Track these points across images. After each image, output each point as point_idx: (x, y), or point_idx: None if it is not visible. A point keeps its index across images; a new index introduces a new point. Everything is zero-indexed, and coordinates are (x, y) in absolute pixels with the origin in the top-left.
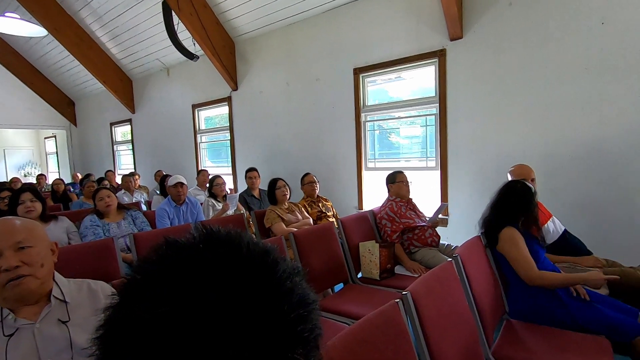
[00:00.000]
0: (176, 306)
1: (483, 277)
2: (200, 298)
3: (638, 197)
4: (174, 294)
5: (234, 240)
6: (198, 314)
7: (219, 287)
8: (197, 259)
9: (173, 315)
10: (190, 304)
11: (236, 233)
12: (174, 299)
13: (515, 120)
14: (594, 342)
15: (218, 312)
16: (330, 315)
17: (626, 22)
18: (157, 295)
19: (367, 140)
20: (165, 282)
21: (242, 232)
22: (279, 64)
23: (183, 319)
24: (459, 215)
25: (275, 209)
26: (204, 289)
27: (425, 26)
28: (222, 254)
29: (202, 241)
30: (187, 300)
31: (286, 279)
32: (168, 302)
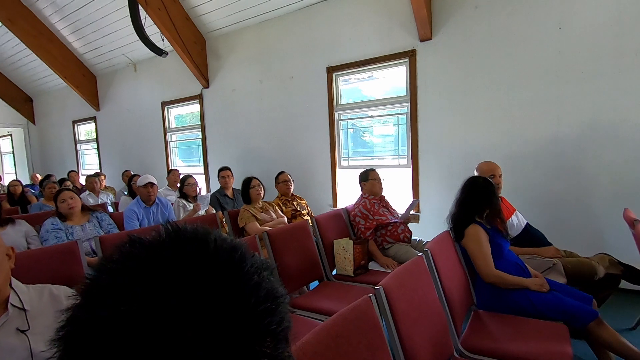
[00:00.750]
0: (141, 303)
1: (452, 270)
2: (165, 295)
3: (592, 192)
4: (138, 291)
5: (200, 237)
6: (163, 310)
7: (185, 283)
8: (163, 256)
9: (137, 313)
10: (155, 301)
11: (203, 230)
12: (138, 297)
13: (481, 120)
14: (553, 328)
15: (184, 308)
16: (305, 312)
17: (581, 27)
18: (121, 293)
19: (340, 139)
20: (129, 280)
21: (210, 229)
22: (252, 61)
23: (148, 316)
24: (429, 211)
25: (249, 208)
26: (169, 286)
27: (396, 27)
28: (189, 251)
29: (168, 239)
30: (152, 297)
31: (253, 273)
32: (132, 300)
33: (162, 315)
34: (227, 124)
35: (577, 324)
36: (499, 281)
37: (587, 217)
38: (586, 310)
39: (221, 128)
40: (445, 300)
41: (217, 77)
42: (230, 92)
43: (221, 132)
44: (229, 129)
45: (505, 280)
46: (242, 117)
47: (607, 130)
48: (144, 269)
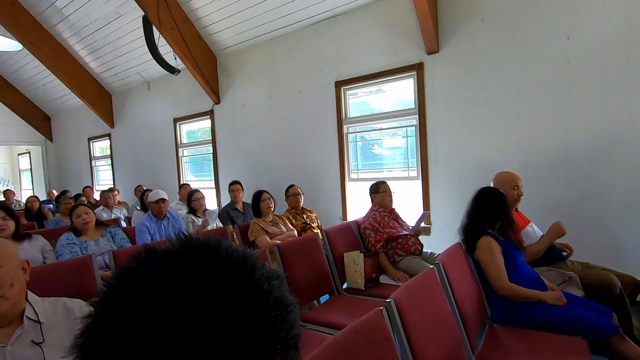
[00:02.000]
0: (156, 309)
1: (465, 283)
2: (179, 301)
3: (606, 202)
4: (153, 299)
5: (212, 247)
6: (177, 316)
7: (197, 290)
8: (177, 265)
9: (152, 320)
10: (170, 307)
11: (215, 240)
12: (152, 304)
13: (490, 131)
14: (571, 342)
15: (196, 315)
16: (316, 326)
17: (590, 37)
18: (137, 300)
19: (349, 152)
20: (145, 288)
21: (221, 239)
22: (261, 77)
23: (163, 322)
24: (441, 223)
25: (259, 221)
26: (182, 293)
27: (403, 40)
28: (201, 260)
29: (181, 249)
30: (167, 303)
31: (263, 282)
32: (148, 306)
33: (176, 320)
34: (237, 138)
35: (597, 338)
36: (513, 294)
37: (601, 228)
38: (606, 324)
39: (231, 143)
40: (458, 313)
41: (228, 93)
42: (241, 108)
43: (231, 146)
44: (239, 143)
45: (519, 293)
46: (252, 131)
47: (618, 139)
48: (159, 276)
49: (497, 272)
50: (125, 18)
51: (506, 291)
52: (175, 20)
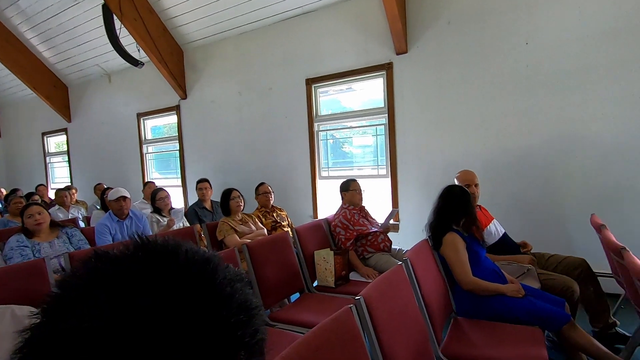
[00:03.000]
0: (107, 320)
1: (431, 278)
2: (133, 310)
3: (562, 199)
4: (104, 307)
5: (171, 250)
6: (130, 326)
7: (153, 296)
8: (130, 270)
9: (102, 330)
10: (122, 316)
11: (174, 242)
12: (103, 313)
13: (457, 130)
14: (529, 332)
15: (152, 322)
16: (286, 325)
17: (547, 43)
18: (85, 309)
19: (320, 150)
20: (94, 296)
21: (182, 241)
22: (230, 73)
23: (114, 333)
24: (409, 220)
25: (228, 220)
26: (136, 300)
27: (373, 40)
28: (158, 264)
29: (137, 252)
30: (119, 312)
31: (226, 285)
32: (98, 316)
33: (129, 331)
34: (205, 135)
35: (551, 327)
36: (476, 288)
37: (559, 223)
38: (559, 313)
39: (199, 139)
40: (425, 308)
41: (195, 88)
42: (209, 104)
43: (199, 143)
44: (207, 140)
45: (482, 287)
46: (221, 128)
47: (573, 141)
48: (110, 283)
49: (461, 267)
50: (82, 6)
51: (470, 285)
52: (139, 10)
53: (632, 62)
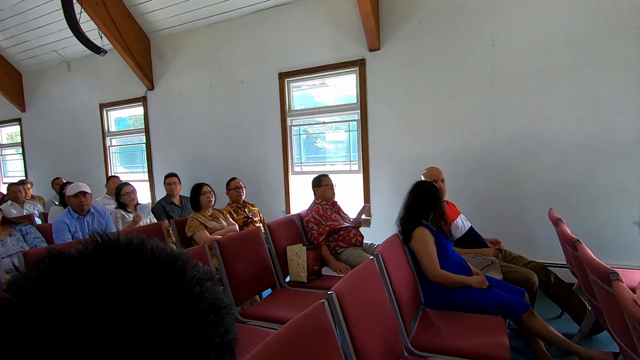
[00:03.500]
0: (60, 327)
1: (401, 271)
2: (91, 315)
3: (523, 195)
4: (58, 313)
5: (135, 248)
6: (88, 333)
7: (115, 299)
8: (88, 271)
9: (56, 339)
10: (79, 323)
11: (139, 240)
12: (57, 319)
13: (427, 127)
14: (492, 321)
15: (114, 327)
16: (258, 322)
17: (512, 45)
18: (36, 316)
19: (293, 145)
20: (48, 301)
21: (146, 238)
22: (200, 64)
23: (69, 342)
24: (380, 215)
25: (198, 216)
26: (96, 304)
27: (346, 36)
28: (121, 263)
29: (97, 251)
30: (75, 319)
31: (195, 284)
32: (50, 323)
33: (86, 339)
34: (174, 128)
35: (512, 316)
36: (444, 280)
37: (520, 218)
38: (519, 303)
39: (167, 133)
40: (395, 301)
41: (163, 79)
42: (178, 95)
43: (167, 136)
44: (176, 133)
45: (449, 279)
46: (191, 121)
47: (534, 140)
48: (66, 285)
49: (429, 260)
50: None
51: (438, 278)
52: None
53: (587, 68)
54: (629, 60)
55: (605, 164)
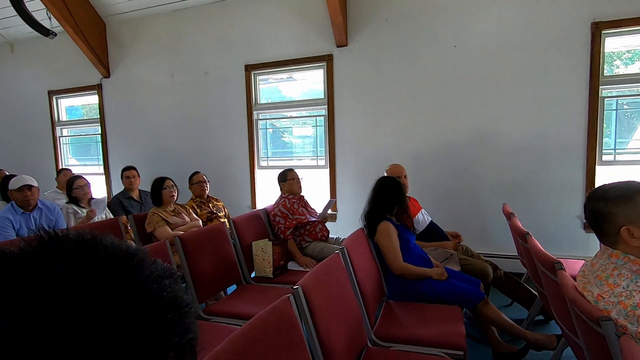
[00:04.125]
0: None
1: (366, 265)
2: (33, 318)
3: (479, 190)
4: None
5: (87, 244)
6: (31, 338)
7: (63, 300)
8: (31, 270)
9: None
10: (19, 327)
11: (91, 236)
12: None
13: (392, 124)
14: (450, 311)
15: (63, 327)
16: (222, 319)
17: (472, 47)
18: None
19: (259, 139)
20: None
21: (99, 234)
22: (162, 52)
23: (9, 349)
24: (346, 209)
25: (159, 211)
26: (39, 307)
27: (314, 31)
28: (69, 260)
29: (42, 248)
30: (14, 323)
31: (152, 282)
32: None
33: (30, 344)
34: (133, 119)
35: (468, 305)
36: (406, 272)
37: (477, 212)
38: (475, 292)
39: (126, 123)
40: (360, 294)
41: (121, 67)
42: (137, 85)
43: (126, 128)
44: (135, 125)
45: (411, 271)
46: (152, 112)
47: (490, 137)
48: (6, 290)
49: (393, 253)
50: None
51: (400, 270)
52: None
53: (538, 71)
54: (574, 68)
55: (552, 163)
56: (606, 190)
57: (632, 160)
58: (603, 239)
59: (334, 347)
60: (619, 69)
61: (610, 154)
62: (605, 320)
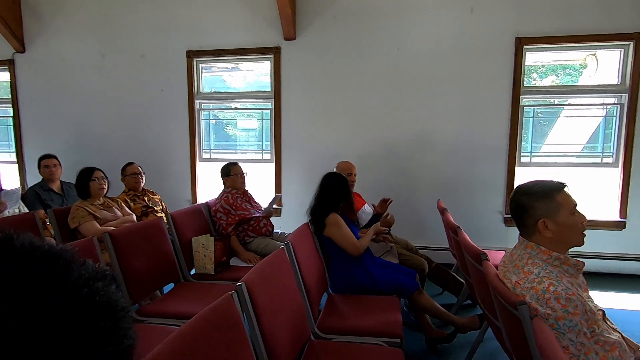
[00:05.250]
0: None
1: (311, 259)
2: None
3: (417, 187)
4: None
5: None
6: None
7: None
8: None
9: None
10: None
11: (4, 235)
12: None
13: (338, 121)
14: (388, 301)
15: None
16: (159, 319)
17: (413, 52)
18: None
19: (201, 130)
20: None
21: (13, 231)
22: (90, 28)
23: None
24: (291, 205)
25: (85, 205)
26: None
27: (262, 22)
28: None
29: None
30: None
31: (82, 285)
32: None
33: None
34: (53, 101)
35: (404, 295)
36: (364, 244)
37: (414, 207)
38: (411, 283)
39: (44, 106)
40: (304, 288)
41: (39, 41)
42: (59, 62)
43: (44, 111)
44: (56, 108)
45: (365, 243)
46: (77, 95)
47: (426, 136)
48: None
49: (348, 239)
50: None
51: (361, 249)
52: None
53: (469, 78)
54: (499, 78)
55: (478, 162)
56: (530, 186)
57: (545, 162)
58: (522, 231)
59: (278, 343)
60: (535, 80)
61: (527, 156)
62: (522, 304)
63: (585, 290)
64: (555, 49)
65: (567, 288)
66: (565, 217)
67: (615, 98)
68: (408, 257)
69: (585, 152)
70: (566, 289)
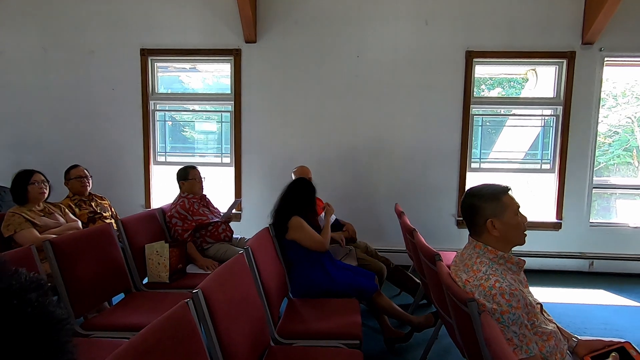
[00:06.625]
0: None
1: (271, 264)
2: None
3: (375, 191)
4: None
5: None
6: None
7: None
8: None
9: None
10: None
11: None
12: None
13: (298, 125)
14: (348, 303)
15: None
16: (107, 333)
17: (371, 59)
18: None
19: (156, 132)
20: None
21: None
22: (30, 19)
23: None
24: (251, 209)
25: (22, 211)
26: None
27: (222, 23)
28: None
29: None
30: None
31: (13, 296)
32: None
33: None
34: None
35: (363, 297)
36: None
37: (373, 211)
38: (370, 285)
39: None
40: (264, 293)
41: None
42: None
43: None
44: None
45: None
46: (15, 91)
47: (384, 142)
48: None
49: (312, 237)
50: None
51: (325, 244)
52: None
53: (424, 87)
54: (452, 88)
55: (433, 168)
56: (480, 188)
57: (492, 168)
58: (472, 231)
59: (237, 350)
60: (484, 92)
61: (477, 162)
62: (471, 301)
63: (525, 286)
64: (500, 63)
65: (510, 284)
66: (510, 217)
67: (551, 110)
68: (368, 262)
69: (527, 158)
70: (510, 285)
